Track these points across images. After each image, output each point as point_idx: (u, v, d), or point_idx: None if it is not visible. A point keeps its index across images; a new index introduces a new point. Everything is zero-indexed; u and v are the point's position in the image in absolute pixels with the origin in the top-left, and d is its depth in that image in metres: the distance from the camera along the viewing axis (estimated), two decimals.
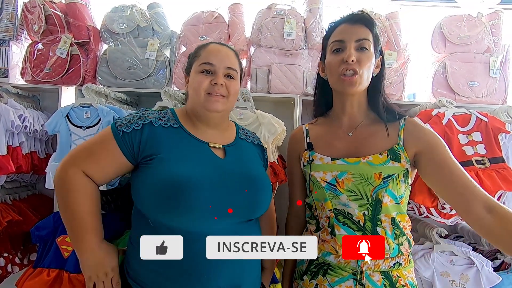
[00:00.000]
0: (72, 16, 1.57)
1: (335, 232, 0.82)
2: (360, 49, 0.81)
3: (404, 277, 0.82)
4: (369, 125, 0.88)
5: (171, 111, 0.86)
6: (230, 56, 0.86)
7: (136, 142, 0.76)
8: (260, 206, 0.82)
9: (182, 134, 0.81)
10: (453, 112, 1.25)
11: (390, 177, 0.80)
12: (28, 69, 1.57)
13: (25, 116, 1.45)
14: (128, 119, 0.78)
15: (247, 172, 0.82)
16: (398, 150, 0.82)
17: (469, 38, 1.52)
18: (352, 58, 0.80)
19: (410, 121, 0.86)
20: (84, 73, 1.57)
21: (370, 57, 0.82)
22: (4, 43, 1.58)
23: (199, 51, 0.86)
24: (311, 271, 0.86)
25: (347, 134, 0.88)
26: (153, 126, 0.78)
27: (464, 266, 1.20)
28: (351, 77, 0.81)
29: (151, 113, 0.81)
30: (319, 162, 0.86)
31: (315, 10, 1.56)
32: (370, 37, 0.82)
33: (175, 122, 0.82)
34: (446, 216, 1.20)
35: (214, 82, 0.80)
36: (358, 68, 0.80)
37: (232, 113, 1.31)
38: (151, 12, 1.63)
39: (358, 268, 0.80)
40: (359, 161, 0.82)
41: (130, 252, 0.78)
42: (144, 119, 0.79)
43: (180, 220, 0.72)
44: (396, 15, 1.59)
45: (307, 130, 0.95)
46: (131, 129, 0.76)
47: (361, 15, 0.84)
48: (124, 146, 0.76)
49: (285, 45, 1.55)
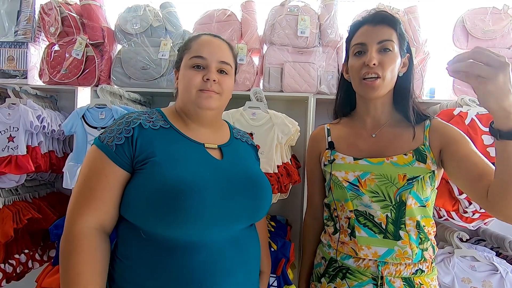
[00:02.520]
0: (87, 18, 1.59)
1: (355, 233, 0.80)
2: (383, 50, 0.78)
3: (427, 284, 0.79)
4: (394, 126, 0.85)
5: (158, 111, 0.79)
6: (223, 48, 0.78)
7: (132, 150, 0.68)
8: (263, 208, 0.77)
9: (175, 135, 0.74)
10: (477, 111, 1.18)
11: (415, 179, 0.77)
12: (45, 70, 1.60)
13: (43, 117, 1.49)
14: (114, 130, 0.70)
15: (247, 172, 0.77)
16: (424, 150, 0.79)
17: (494, 32, 1.44)
18: (374, 62, 0.77)
19: (435, 121, 0.84)
20: (99, 74, 1.59)
21: (393, 59, 0.79)
22: (23, 45, 1.62)
23: (190, 43, 0.78)
24: (329, 274, 0.85)
25: (371, 135, 0.86)
26: (143, 128, 0.71)
27: (487, 272, 1.15)
28: (373, 81, 0.78)
29: (137, 115, 0.73)
30: (341, 161, 0.85)
31: (329, 6, 1.52)
32: (394, 37, 0.79)
33: (165, 123, 0.75)
34: (468, 220, 1.15)
35: (207, 78, 0.73)
36: (381, 71, 0.78)
37: (245, 113, 1.30)
38: (163, 11, 1.63)
39: (378, 273, 0.78)
40: (382, 161, 0.80)
41: (118, 269, 0.68)
42: (132, 122, 0.71)
43: (180, 230, 0.65)
44: (414, 9, 1.52)
45: (328, 130, 0.94)
46: (123, 140, 0.68)
47: (383, 15, 0.81)
48: (121, 160, 0.67)
49: (298, 43, 1.52)
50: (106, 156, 0.67)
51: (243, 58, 1.52)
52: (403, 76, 0.84)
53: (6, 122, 1.46)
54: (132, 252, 0.67)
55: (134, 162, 0.68)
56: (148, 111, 0.77)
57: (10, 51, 1.62)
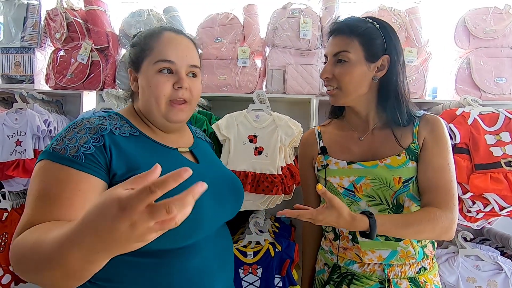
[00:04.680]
0: (92, 23, 1.61)
1: (357, 238, 0.80)
2: (337, 62, 0.79)
3: (431, 281, 0.80)
4: (384, 127, 0.84)
5: (118, 116, 0.70)
6: (190, 48, 0.71)
7: (106, 159, 0.60)
8: (240, 205, 0.78)
9: (148, 142, 0.68)
10: (479, 111, 1.19)
11: (410, 180, 0.78)
12: (51, 75, 1.63)
13: (50, 121, 1.51)
14: (74, 139, 0.58)
15: (225, 175, 0.78)
16: (415, 148, 0.80)
17: (495, 32, 1.45)
18: (325, 76, 0.80)
19: (424, 118, 0.82)
20: (104, 78, 1.62)
21: (350, 68, 0.78)
22: (29, 51, 1.65)
23: (150, 42, 0.68)
24: (334, 280, 0.84)
25: (360, 138, 0.86)
26: (113, 135, 0.62)
27: (492, 271, 1.15)
28: (331, 91, 0.81)
29: (99, 121, 0.64)
30: (335, 166, 0.84)
31: (331, 8, 1.53)
32: (353, 45, 0.77)
33: (133, 129, 0.68)
34: (472, 220, 1.15)
35: (178, 86, 0.67)
36: (335, 83, 0.80)
37: (249, 115, 1.31)
38: (167, 16, 1.65)
39: (385, 276, 0.78)
40: (376, 165, 0.80)
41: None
42: (100, 129, 0.61)
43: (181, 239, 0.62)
44: (416, 10, 1.53)
45: (319, 133, 0.93)
46: (92, 149, 0.58)
47: (340, 24, 0.80)
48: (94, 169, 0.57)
49: (301, 45, 1.53)
50: (71, 168, 0.55)
51: (246, 61, 1.54)
52: (384, 78, 0.80)
53: (13, 127, 1.48)
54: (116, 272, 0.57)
55: (112, 173, 0.59)
56: (107, 115, 0.69)
57: (17, 56, 1.65)
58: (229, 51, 1.56)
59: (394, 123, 0.82)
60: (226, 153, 1.29)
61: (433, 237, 0.75)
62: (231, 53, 1.56)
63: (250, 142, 1.29)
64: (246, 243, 1.29)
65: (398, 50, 0.80)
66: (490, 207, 1.11)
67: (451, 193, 0.75)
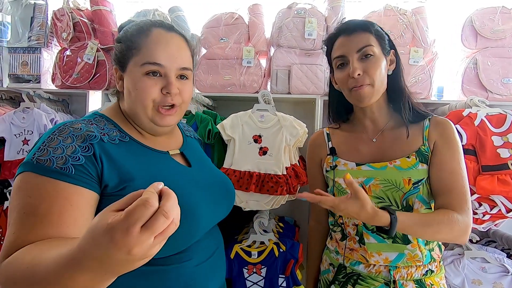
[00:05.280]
0: (98, 23, 1.62)
1: (364, 240, 0.80)
2: (364, 57, 0.77)
3: (437, 284, 0.80)
4: (394, 127, 0.85)
5: (104, 118, 0.65)
6: (182, 49, 0.65)
7: (98, 170, 0.56)
8: (232, 205, 0.78)
9: (138, 148, 0.64)
10: (486, 112, 1.18)
11: (420, 182, 0.77)
12: (58, 74, 1.64)
13: (56, 120, 1.53)
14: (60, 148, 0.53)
15: (217, 176, 0.78)
16: (425, 151, 0.79)
17: (503, 31, 1.43)
18: (358, 72, 0.76)
19: (434, 120, 0.82)
20: (110, 78, 1.62)
21: (377, 62, 0.78)
22: (36, 51, 1.66)
23: (138, 41, 0.62)
24: (339, 280, 0.85)
25: (372, 140, 0.86)
26: (103, 143, 0.58)
27: (498, 274, 1.14)
28: (362, 90, 0.78)
29: (85, 126, 0.59)
30: (343, 168, 0.84)
31: (336, 8, 1.52)
32: (372, 40, 0.78)
33: (121, 134, 0.63)
34: (478, 222, 1.15)
35: (167, 92, 0.62)
36: (367, 78, 0.77)
37: (254, 115, 1.31)
38: (172, 15, 1.65)
39: (390, 277, 0.78)
40: (386, 166, 0.79)
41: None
42: (88, 137, 0.57)
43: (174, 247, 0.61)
44: (422, 10, 1.52)
45: (328, 135, 0.93)
46: (81, 159, 0.54)
47: (355, 22, 0.81)
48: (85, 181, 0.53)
49: (306, 45, 1.53)
50: (60, 181, 0.51)
51: (250, 61, 1.54)
52: (392, 74, 0.83)
53: (21, 126, 1.50)
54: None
55: (104, 185, 0.56)
56: (92, 118, 0.64)
57: (24, 56, 1.67)
58: (234, 51, 1.56)
59: (403, 122, 0.82)
60: (231, 153, 1.29)
61: (449, 239, 0.74)
62: (236, 53, 1.56)
63: (255, 142, 1.29)
64: (250, 243, 1.30)
65: (395, 47, 0.84)
66: (497, 209, 1.11)
67: (466, 197, 0.74)
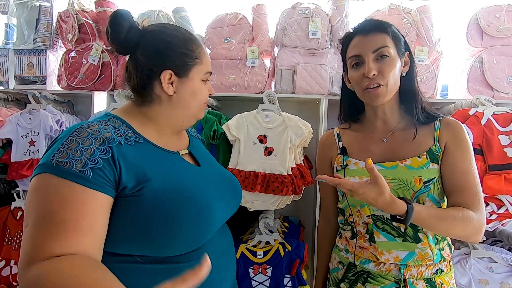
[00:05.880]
0: (103, 24, 1.63)
1: (375, 238, 0.81)
2: (380, 58, 0.78)
3: (447, 283, 0.80)
4: (405, 128, 0.85)
5: (119, 120, 0.67)
6: None
7: (116, 174, 0.57)
8: (239, 202, 0.81)
9: (152, 149, 0.67)
10: (493, 111, 1.17)
11: (431, 181, 0.77)
12: (63, 76, 1.65)
13: (62, 121, 1.54)
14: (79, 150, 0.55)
15: (225, 175, 0.82)
16: (436, 151, 0.79)
17: (509, 30, 1.42)
18: (373, 73, 0.77)
19: (445, 121, 0.83)
20: (115, 79, 1.63)
21: (392, 63, 0.78)
22: (42, 52, 1.68)
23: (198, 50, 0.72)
24: (349, 279, 0.85)
25: (382, 140, 0.86)
26: (121, 146, 0.60)
27: (505, 274, 1.14)
28: (376, 89, 0.78)
29: (103, 128, 0.60)
30: (354, 167, 0.85)
31: (341, 7, 1.52)
32: (388, 41, 0.78)
33: (136, 136, 0.66)
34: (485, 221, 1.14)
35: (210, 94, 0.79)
36: (382, 79, 0.77)
37: (259, 116, 1.31)
38: (176, 16, 1.66)
39: (400, 276, 0.78)
40: (396, 165, 0.80)
41: None
42: (106, 140, 0.58)
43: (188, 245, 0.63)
44: (427, 8, 1.51)
45: (338, 135, 0.94)
46: (100, 163, 0.55)
47: (373, 23, 0.81)
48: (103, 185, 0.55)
49: (310, 45, 1.53)
50: (77, 184, 0.52)
51: (255, 61, 1.54)
52: (406, 76, 0.83)
53: (27, 127, 1.51)
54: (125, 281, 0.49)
55: (122, 187, 0.57)
56: (106, 119, 0.65)
57: (29, 58, 1.68)
58: (238, 51, 1.56)
59: (415, 123, 0.83)
60: (236, 153, 1.29)
61: (463, 236, 0.74)
62: (240, 53, 1.56)
63: (260, 143, 1.29)
64: (255, 242, 1.30)
65: (410, 48, 0.84)
66: (504, 209, 1.10)
67: (479, 196, 0.75)
